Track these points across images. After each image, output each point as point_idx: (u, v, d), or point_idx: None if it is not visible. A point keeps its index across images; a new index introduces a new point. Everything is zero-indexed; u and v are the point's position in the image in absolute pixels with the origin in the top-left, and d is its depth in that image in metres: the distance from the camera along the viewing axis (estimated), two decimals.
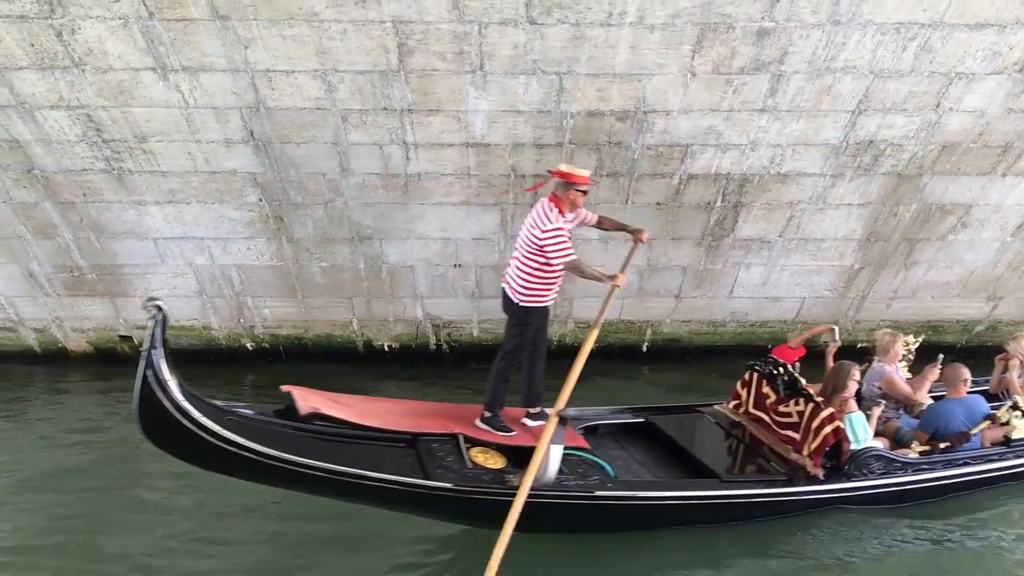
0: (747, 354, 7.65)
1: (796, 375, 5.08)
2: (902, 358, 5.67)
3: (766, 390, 5.23)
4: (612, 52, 5.32)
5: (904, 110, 5.85)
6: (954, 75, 5.61)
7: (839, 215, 6.67)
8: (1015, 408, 5.41)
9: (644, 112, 5.75)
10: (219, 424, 3.72)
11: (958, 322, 7.78)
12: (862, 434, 4.86)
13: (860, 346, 6.23)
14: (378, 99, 5.56)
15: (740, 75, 5.52)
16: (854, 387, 4.96)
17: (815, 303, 7.46)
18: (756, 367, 5.42)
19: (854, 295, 7.44)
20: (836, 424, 4.66)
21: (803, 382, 5.02)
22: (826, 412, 4.70)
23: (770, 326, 7.67)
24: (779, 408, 5.06)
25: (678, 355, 7.83)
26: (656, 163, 6.16)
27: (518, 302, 4.63)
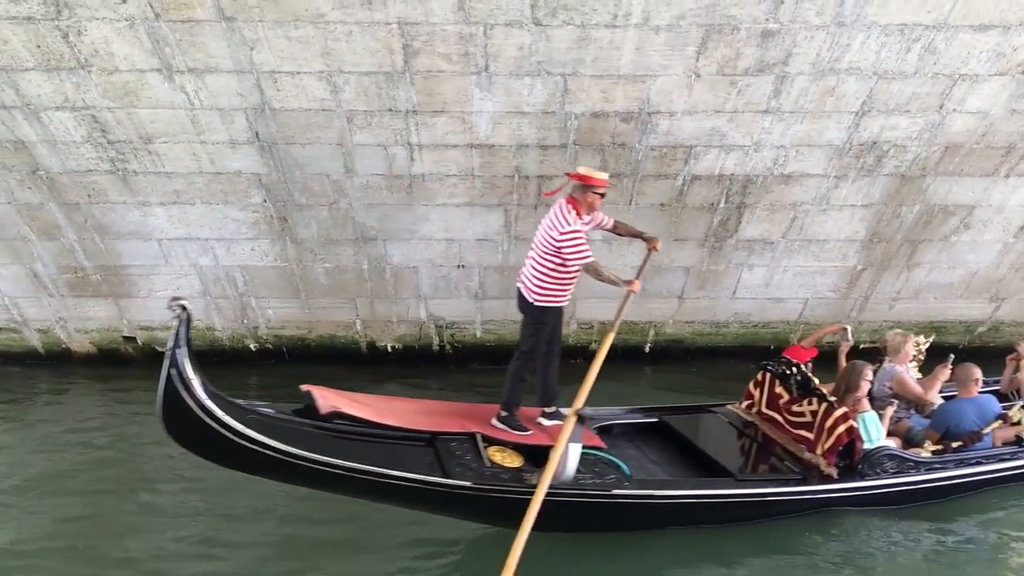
0: (750, 355, 7.71)
1: (809, 375, 5.10)
2: (912, 358, 5.68)
3: (779, 390, 5.25)
4: (617, 53, 5.33)
5: (908, 111, 5.86)
6: (958, 76, 5.62)
7: (842, 216, 6.68)
8: None
9: (648, 113, 5.75)
10: (242, 423, 3.73)
11: (960, 323, 7.78)
12: (875, 433, 4.89)
13: (862, 347, 6.24)
14: (383, 100, 5.56)
15: (744, 76, 5.53)
16: (867, 387, 4.98)
17: (818, 304, 7.47)
18: (769, 367, 5.44)
19: (857, 296, 7.45)
20: (849, 423, 4.69)
21: (816, 382, 5.04)
22: (839, 411, 4.73)
23: (773, 327, 7.68)
24: (792, 408, 5.09)
25: (681, 356, 7.83)
26: (660, 164, 6.17)
27: (533, 301, 4.65)
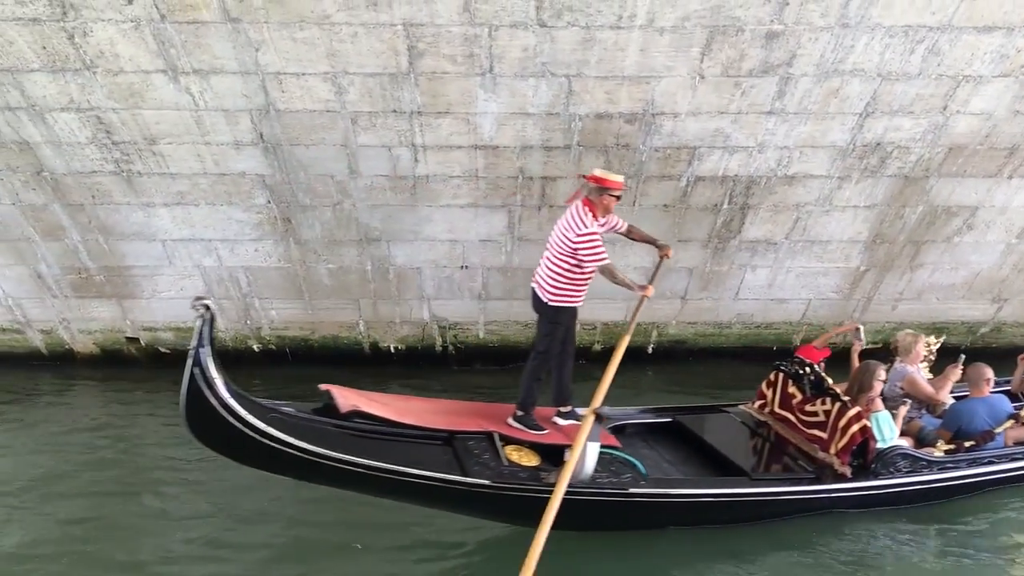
0: (752, 356, 7.73)
1: (823, 375, 5.12)
2: (923, 358, 5.70)
3: (792, 390, 5.28)
4: (621, 55, 5.34)
5: (911, 112, 5.87)
6: (961, 78, 5.62)
7: (845, 217, 6.69)
8: None
9: (652, 114, 5.76)
10: (264, 421, 3.77)
11: (963, 324, 7.79)
12: (888, 433, 4.92)
13: (864, 348, 6.24)
14: (388, 101, 5.57)
15: (748, 78, 5.54)
16: (880, 387, 5.00)
17: (821, 305, 7.48)
18: (782, 367, 5.47)
19: (860, 297, 7.45)
20: (863, 423, 4.72)
21: (830, 381, 5.06)
22: (853, 411, 4.76)
23: (776, 328, 7.68)
24: (805, 407, 5.12)
25: (683, 357, 7.84)
26: (664, 165, 6.18)
27: (548, 302, 4.67)
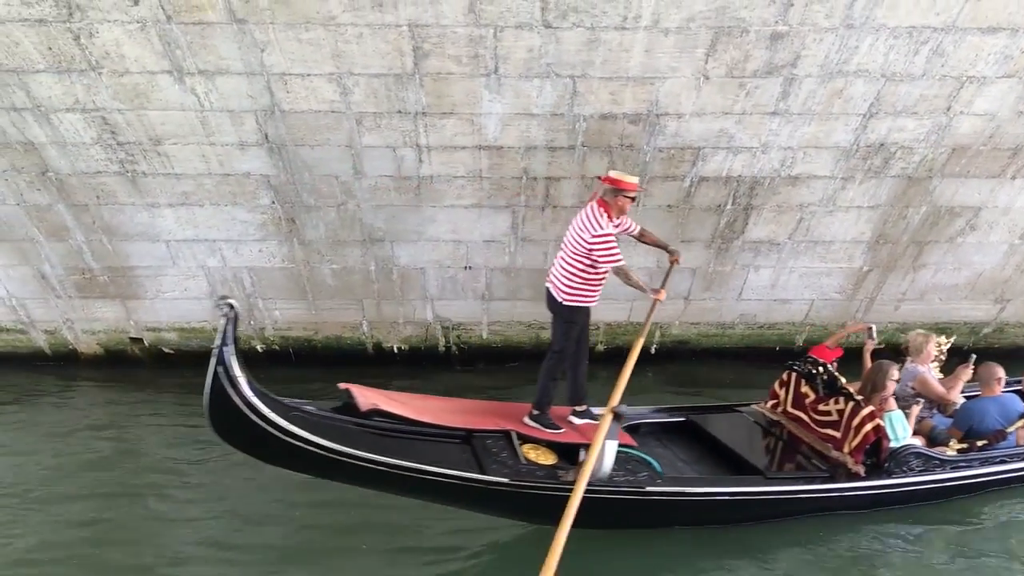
0: (755, 356, 7.74)
1: (836, 374, 5.14)
2: (934, 358, 5.72)
3: (805, 389, 5.31)
4: (626, 55, 5.35)
5: (915, 113, 5.87)
6: (965, 79, 5.63)
7: (848, 217, 6.70)
8: None
9: (657, 115, 5.77)
10: (287, 420, 3.79)
11: (966, 324, 7.79)
12: (901, 432, 4.95)
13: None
14: (392, 102, 5.58)
15: (753, 78, 5.54)
16: (893, 387, 5.02)
17: (824, 305, 7.49)
18: (795, 367, 5.49)
19: (862, 297, 7.46)
20: (876, 422, 4.75)
21: (843, 381, 5.08)
22: (866, 410, 4.78)
23: (778, 328, 7.69)
24: (818, 407, 5.15)
25: (686, 357, 7.85)
26: (667, 166, 6.18)
27: (563, 301, 4.70)
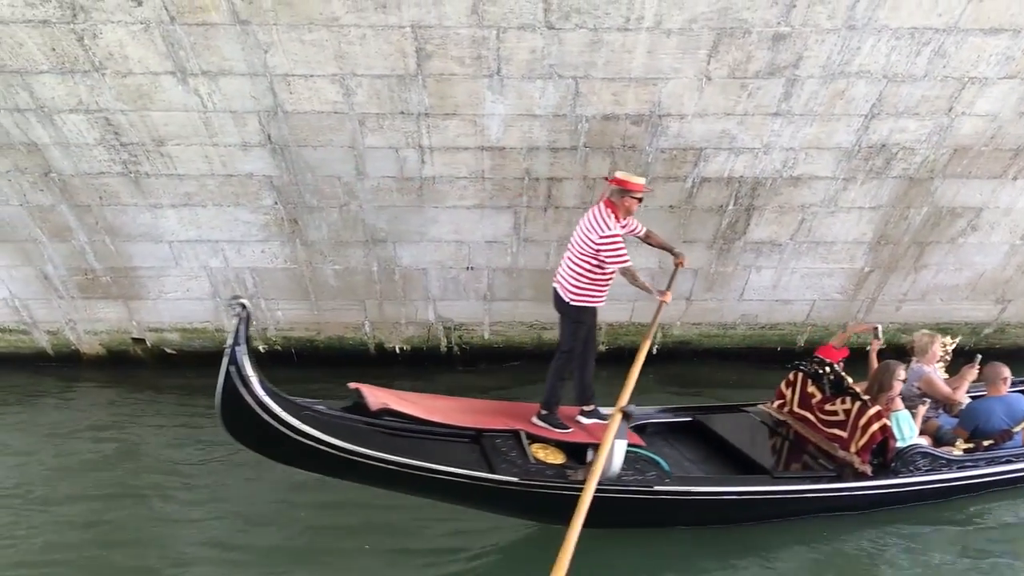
0: (756, 357, 7.75)
1: (842, 374, 5.15)
2: (939, 359, 5.74)
3: (811, 389, 5.33)
4: (629, 56, 5.35)
5: (917, 114, 5.88)
6: (967, 79, 5.64)
7: (850, 218, 6.71)
8: None
9: (659, 116, 5.78)
10: (299, 419, 3.80)
11: (967, 325, 7.79)
12: (908, 432, 4.96)
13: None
14: (395, 103, 5.58)
15: (755, 79, 5.55)
16: (900, 387, 5.03)
17: (825, 306, 7.50)
18: (801, 367, 5.50)
19: (864, 298, 7.47)
20: (883, 422, 4.76)
21: (849, 381, 5.09)
22: (873, 410, 4.80)
23: (780, 329, 7.70)
24: (825, 407, 5.16)
25: (688, 357, 7.86)
26: (669, 166, 6.19)
27: (570, 301, 4.73)
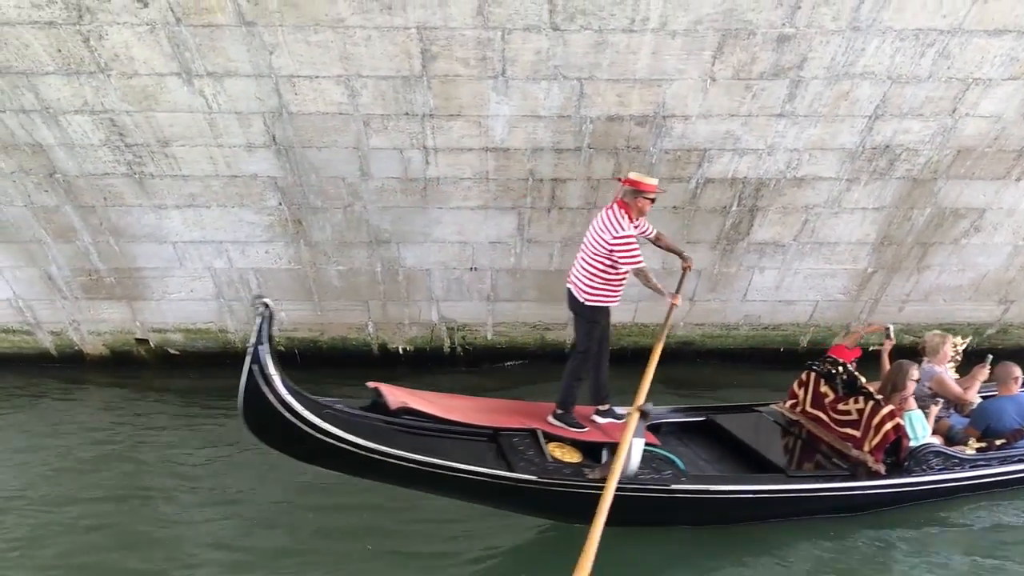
0: (759, 358, 7.76)
1: (855, 374, 5.17)
2: (950, 359, 5.75)
3: (824, 389, 5.35)
4: (633, 58, 5.36)
5: (920, 115, 5.89)
6: (971, 81, 5.65)
7: (854, 219, 6.71)
8: None
9: (663, 117, 5.79)
10: (320, 417, 3.83)
11: (969, 325, 7.79)
12: (920, 431, 4.99)
13: (871, 348, 6.27)
14: (400, 104, 5.59)
15: (759, 80, 5.56)
16: (913, 386, 5.05)
17: (828, 306, 7.50)
18: (814, 367, 5.52)
19: (867, 298, 7.48)
20: (896, 421, 4.78)
21: (863, 380, 5.11)
22: (886, 409, 4.82)
23: (783, 329, 7.71)
24: (838, 406, 5.18)
25: (691, 358, 7.86)
26: (674, 167, 6.20)
27: (584, 301, 4.75)
